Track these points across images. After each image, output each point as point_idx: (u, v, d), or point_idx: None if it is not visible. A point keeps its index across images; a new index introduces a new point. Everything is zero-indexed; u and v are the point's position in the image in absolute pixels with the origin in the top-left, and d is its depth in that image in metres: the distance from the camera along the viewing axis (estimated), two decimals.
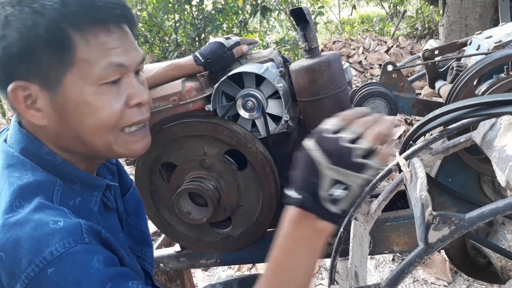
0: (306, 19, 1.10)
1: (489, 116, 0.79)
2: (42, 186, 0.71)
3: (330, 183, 0.65)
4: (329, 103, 1.15)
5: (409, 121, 3.80)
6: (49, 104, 0.72)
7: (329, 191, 0.65)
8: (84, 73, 0.71)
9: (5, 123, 5.92)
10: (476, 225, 0.68)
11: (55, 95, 0.72)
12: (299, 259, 0.68)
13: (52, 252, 0.62)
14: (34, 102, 0.72)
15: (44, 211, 0.66)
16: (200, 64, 1.18)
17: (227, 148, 1.21)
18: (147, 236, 1.01)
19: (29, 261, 0.61)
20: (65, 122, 0.74)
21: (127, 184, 1.00)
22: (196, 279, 2.34)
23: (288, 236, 0.68)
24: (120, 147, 0.79)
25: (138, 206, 1.01)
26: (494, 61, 1.06)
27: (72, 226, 0.66)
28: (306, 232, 0.67)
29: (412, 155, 0.91)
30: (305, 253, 0.68)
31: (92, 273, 0.63)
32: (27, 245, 0.62)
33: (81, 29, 0.70)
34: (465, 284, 2.02)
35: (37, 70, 0.70)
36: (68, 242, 0.63)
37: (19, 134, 0.76)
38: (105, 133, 0.76)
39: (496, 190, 1.20)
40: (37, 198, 0.68)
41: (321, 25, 8.58)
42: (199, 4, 4.33)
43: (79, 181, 0.78)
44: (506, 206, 0.66)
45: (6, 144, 0.77)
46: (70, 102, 0.72)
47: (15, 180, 0.70)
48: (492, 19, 3.72)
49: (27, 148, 0.75)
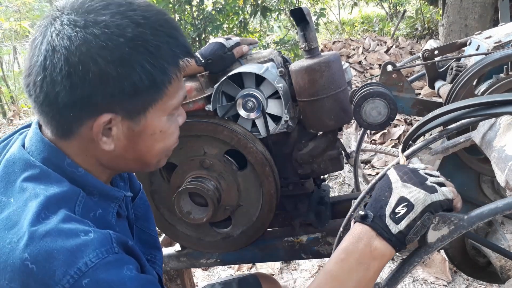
0: (306, 19, 1.10)
1: (488, 116, 0.80)
2: (66, 197, 0.71)
3: (397, 201, 0.71)
4: (329, 103, 1.15)
5: (408, 121, 3.80)
6: (125, 132, 0.73)
7: (394, 208, 0.71)
8: (166, 106, 0.75)
9: (6, 123, 5.91)
10: (476, 225, 0.69)
11: (133, 124, 0.73)
12: (351, 274, 0.71)
13: (87, 263, 0.62)
14: (111, 130, 0.72)
15: (71, 223, 0.66)
16: (200, 64, 1.18)
17: (227, 148, 1.21)
18: (156, 240, 1.02)
19: (64, 273, 0.61)
20: (133, 147, 0.76)
21: (136, 189, 1.01)
22: (196, 278, 2.34)
23: (345, 249, 0.73)
24: (163, 162, 0.84)
25: (147, 210, 1.01)
26: (493, 61, 1.06)
27: (103, 237, 0.66)
28: (363, 249, 0.71)
29: (411, 155, 0.92)
30: (359, 269, 0.71)
31: (126, 281, 0.64)
32: (61, 256, 0.62)
33: (176, 68, 0.73)
34: (464, 283, 2.02)
35: (128, 104, 0.71)
36: (101, 252, 0.64)
37: (41, 143, 0.75)
38: (165, 154, 0.82)
39: (496, 190, 1.20)
40: (62, 210, 0.68)
41: (321, 25, 8.58)
42: (199, 4, 4.33)
43: (98, 193, 0.78)
44: (506, 206, 0.66)
45: (25, 150, 0.75)
46: (147, 130, 0.75)
47: (41, 191, 0.69)
48: (491, 19, 3.72)
49: (49, 158, 0.74)
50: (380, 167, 3.28)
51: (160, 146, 0.78)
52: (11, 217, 0.67)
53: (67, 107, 0.68)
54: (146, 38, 0.68)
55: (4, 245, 0.64)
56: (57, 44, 0.66)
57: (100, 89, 0.67)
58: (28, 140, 0.77)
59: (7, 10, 6.61)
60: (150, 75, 0.69)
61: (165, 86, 0.72)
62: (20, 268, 0.62)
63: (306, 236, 1.37)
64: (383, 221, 0.71)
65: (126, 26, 0.67)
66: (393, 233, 0.70)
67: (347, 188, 2.99)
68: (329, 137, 1.24)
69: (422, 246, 0.72)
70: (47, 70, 0.67)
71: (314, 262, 2.34)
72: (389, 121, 1.17)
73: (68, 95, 0.67)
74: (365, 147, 2.76)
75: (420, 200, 0.70)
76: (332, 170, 1.29)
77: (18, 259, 0.62)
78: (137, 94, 0.70)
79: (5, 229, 0.65)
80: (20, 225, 0.65)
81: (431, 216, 0.70)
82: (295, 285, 2.22)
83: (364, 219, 0.73)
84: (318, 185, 1.46)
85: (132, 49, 0.67)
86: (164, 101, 0.74)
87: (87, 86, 0.66)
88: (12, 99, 6.44)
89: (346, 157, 1.34)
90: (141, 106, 0.72)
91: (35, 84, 0.69)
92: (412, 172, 0.75)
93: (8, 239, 0.64)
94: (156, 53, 0.69)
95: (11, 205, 0.68)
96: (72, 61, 0.65)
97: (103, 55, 0.65)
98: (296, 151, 1.27)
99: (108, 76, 0.66)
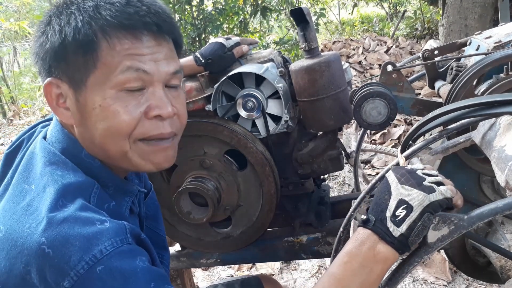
0: (306, 19, 1.10)
1: (488, 116, 0.80)
2: (83, 187, 0.72)
3: (396, 203, 0.72)
4: (329, 103, 1.15)
5: (408, 121, 3.80)
6: (75, 103, 0.75)
7: (394, 211, 0.71)
8: (105, 77, 0.72)
9: (6, 123, 5.91)
10: (476, 225, 0.68)
11: (79, 95, 0.74)
12: (355, 277, 0.72)
13: (102, 250, 0.64)
14: (64, 101, 0.75)
15: (87, 212, 0.68)
16: (200, 64, 1.18)
17: (227, 148, 1.21)
18: (164, 240, 1.03)
19: (79, 258, 0.63)
20: (84, 124, 0.75)
21: (147, 188, 1.01)
22: (196, 278, 2.34)
23: (348, 252, 0.74)
24: (137, 157, 0.77)
25: (156, 210, 1.02)
26: (493, 61, 1.06)
27: (118, 227, 0.68)
28: (366, 252, 0.72)
29: (411, 155, 0.92)
30: (362, 272, 0.72)
31: (138, 271, 0.66)
32: (77, 242, 0.64)
33: (107, 33, 0.71)
34: (464, 283, 2.02)
35: (66, 69, 0.73)
36: (116, 241, 0.66)
37: (61, 134, 0.78)
38: (118, 139, 0.75)
39: (496, 190, 1.20)
40: (79, 199, 0.69)
41: (321, 25, 8.59)
42: (199, 4, 4.33)
43: (113, 186, 0.80)
44: (506, 206, 0.66)
45: (46, 142, 0.79)
46: (88, 104, 0.73)
47: (59, 178, 0.71)
48: (491, 19, 3.72)
49: (68, 148, 0.77)
50: (380, 167, 3.28)
51: (103, 126, 0.73)
52: (32, 203, 0.69)
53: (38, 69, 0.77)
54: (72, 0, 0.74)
55: (23, 229, 0.66)
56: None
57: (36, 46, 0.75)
58: (50, 132, 0.80)
59: (7, 10, 6.61)
60: (72, 34, 0.71)
61: (93, 51, 0.71)
62: (37, 252, 0.64)
63: (306, 236, 1.37)
64: (385, 225, 0.71)
65: None
66: (395, 236, 0.70)
67: (347, 188, 2.99)
68: (329, 137, 1.24)
69: (422, 246, 0.72)
70: None
71: (314, 262, 2.34)
72: (389, 121, 1.17)
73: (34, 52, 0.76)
74: (365, 147, 2.76)
75: (419, 201, 0.70)
76: (332, 170, 1.29)
77: (35, 243, 0.64)
78: (67, 56, 0.72)
79: (26, 214, 0.68)
80: (39, 211, 0.67)
81: (431, 217, 0.70)
82: (295, 285, 2.22)
83: (366, 223, 0.74)
84: (318, 185, 1.46)
85: (56, 8, 0.75)
86: (102, 72, 0.72)
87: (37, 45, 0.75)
88: (12, 99, 6.43)
89: (346, 157, 1.34)
90: (77, 73, 0.73)
91: None
92: (409, 173, 0.75)
93: (27, 224, 0.66)
94: (82, 12, 0.72)
95: (32, 192, 0.71)
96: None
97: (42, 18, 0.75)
98: (296, 151, 1.27)
99: (38, 32, 0.75)
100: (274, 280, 1.45)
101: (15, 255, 0.65)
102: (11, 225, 0.68)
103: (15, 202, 0.71)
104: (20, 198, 0.71)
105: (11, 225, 0.68)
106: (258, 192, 1.25)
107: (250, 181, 1.24)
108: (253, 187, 1.25)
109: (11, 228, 0.67)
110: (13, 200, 0.72)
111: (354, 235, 0.75)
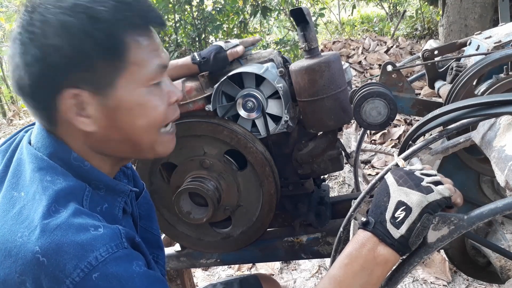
0: (306, 19, 1.10)
1: (488, 116, 0.80)
2: (74, 191, 0.71)
3: (395, 205, 0.72)
4: (329, 103, 1.15)
5: (408, 121, 3.80)
6: (100, 109, 0.72)
7: (394, 213, 0.72)
8: (136, 75, 0.73)
9: (6, 123, 5.91)
10: (476, 225, 0.68)
11: (106, 100, 0.72)
12: (355, 279, 0.72)
13: (97, 257, 0.63)
14: (84, 109, 0.72)
15: (81, 217, 0.67)
16: (195, 62, 1.20)
17: (227, 148, 1.21)
18: (159, 239, 1.02)
19: (74, 266, 0.62)
20: (115, 126, 0.74)
21: (139, 188, 1.01)
22: (196, 278, 2.34)
23: (349, 254, 0.74)
24: (161, 146, 0.81)
25: (150, 210, 1.02)
26: (493, 61, 1.06)
27: (113, 232, 0.67)
28: (367, 254, 0.72)
29: (411, 155, 0.92)
30: (363, 274, 0.72)
31: (135, 276, 0.65)
32: (71, 250, 0.63)
33: (133, 33, 0.71)
34: (464, 283, 2.02)
35: (89, 76, 0.70)
36: (111, 247, 0.65)
37: (47, 139, 0.76)
38: (153, 132, 0.78)
39: (496, 190, 1.20)
40: (72, 204, 0.68)
41: (321, 25, 8.58)
42: (199, 4, 4.32)
43: (104, 187, 0.79)
44: (505, 206, 0.66)
45: (32, 147, 0.76)
46: (123, 105, 0.73)
47: (49, 184, 0.70)
48: (491, 19, 3.72)
49: (55, 153, 0.75)
50: (380, 167, 3.28)
51: (143, 122, 0.75)
52: (22, 211, 0.68)
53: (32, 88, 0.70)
54: (85, 5, 0.68)
55: (15, 238, 0.65)
56: (14, 33, 0.70)
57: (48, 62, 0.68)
58: (34, 137, 0.78)
59: (7, 10, 6.61)
60: (96, 42, 0.68)
61: (122, 53, 0.70)
62: (32, 261, 0.62)
63: (306, 236, 1.37)
64: (384, 227, 0.72)
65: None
66: (395, 238, 0.71)
67: (347, 188, 2.99)
68: (329, 137, 1.24)
69: (422, 246, 0.72)
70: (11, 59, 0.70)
71: (314, 262, 2.34)
72: (389, 121, 1.17)
73: (28, 75, 0.69)
74: (365, 147, 2.76)
75: (417, 202, 0.70)
76: (332, 170, 1.29)
77: (29, 252, 0.63)
78: (92, 64, 0.69)
79: (17, 223, 0.66)
80: (31, 219, 0.66)
81: (431, 217, 0.70)
82: (295, 285, 2.22)
83: (366, 226, 0.74)
84: (318, 185, 1.46)
85: (71, 17, 0.67)
86: (132, 71, 0.72)
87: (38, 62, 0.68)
88: (12, 99, 6.44)
89: (346, 157, 1.34)
90: (104, 78, 0.71)
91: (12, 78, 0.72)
92: (407, 175, 0.75)
93: (19, 233, 0.65)
94: (100, 19, 0.68)
95: (22, 199, 0.70)
96: (23, 41, 0.68)
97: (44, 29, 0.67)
98: (296, 151, 1.27)
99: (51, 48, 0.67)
100: (272, 279, 1.45)
101: (9, 265, 0.64)
102: (3, 234, 0.66)
103: (5, 211, 0.69)
104: (9, 206, 0.69)
105: (2, 235, 0.66)
106: (258, 192, 1.25)
107: (250, 181, 1.24)
108: (253, 187, 1.25)
109: (3, 237, 0.66)
110: (3, 208, 0.70)
111: (354, 237, 0.76)
